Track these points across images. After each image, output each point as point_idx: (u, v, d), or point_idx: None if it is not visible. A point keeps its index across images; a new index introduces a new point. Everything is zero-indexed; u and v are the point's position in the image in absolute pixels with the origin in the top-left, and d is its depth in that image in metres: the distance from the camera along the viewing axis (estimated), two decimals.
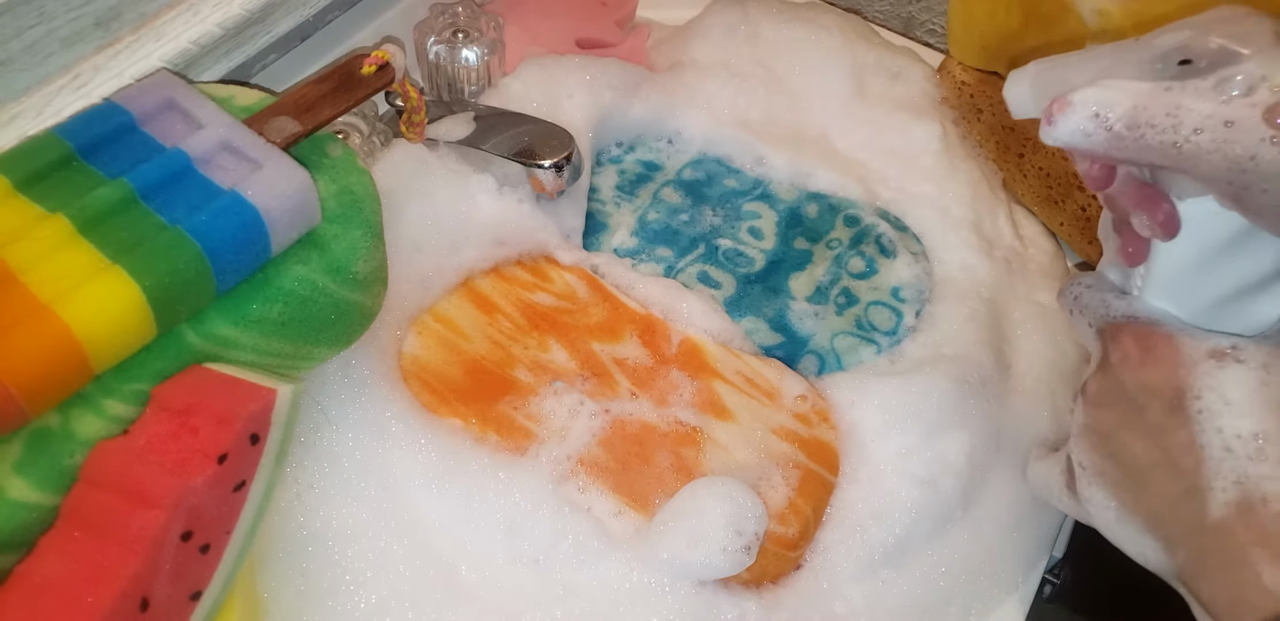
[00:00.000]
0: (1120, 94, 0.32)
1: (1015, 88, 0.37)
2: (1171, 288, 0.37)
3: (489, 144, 0.51)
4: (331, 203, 0.41)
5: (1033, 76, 0.36)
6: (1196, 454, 0.34)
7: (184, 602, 0.36)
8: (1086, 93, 0.33)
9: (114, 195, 0.37)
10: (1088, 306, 0.40)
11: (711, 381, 0.49)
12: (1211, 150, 0.31)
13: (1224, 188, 0.32)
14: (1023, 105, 0.37)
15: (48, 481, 0.35)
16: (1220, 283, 0.36)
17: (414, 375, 0.47)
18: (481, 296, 0.50)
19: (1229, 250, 0.35)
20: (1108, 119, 0.32)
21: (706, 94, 0.60)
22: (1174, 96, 0.32)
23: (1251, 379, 0.34)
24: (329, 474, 0.44)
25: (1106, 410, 0.38)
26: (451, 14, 0.56)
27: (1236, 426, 0.34)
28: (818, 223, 0.58)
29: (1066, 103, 0.33)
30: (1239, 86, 0.31)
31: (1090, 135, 0.33)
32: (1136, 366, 0.36)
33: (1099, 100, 0.33)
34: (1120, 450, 0.37)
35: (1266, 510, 0.33)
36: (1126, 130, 0.32)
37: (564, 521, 0.44)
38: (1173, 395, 0.35)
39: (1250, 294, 0.36)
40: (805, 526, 0.46)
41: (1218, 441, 0.34)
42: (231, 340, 0.39)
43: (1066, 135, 0.33)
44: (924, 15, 0.74)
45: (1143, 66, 0.33)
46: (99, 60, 0.44)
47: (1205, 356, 0.35)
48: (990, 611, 0.48)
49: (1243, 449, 0.33)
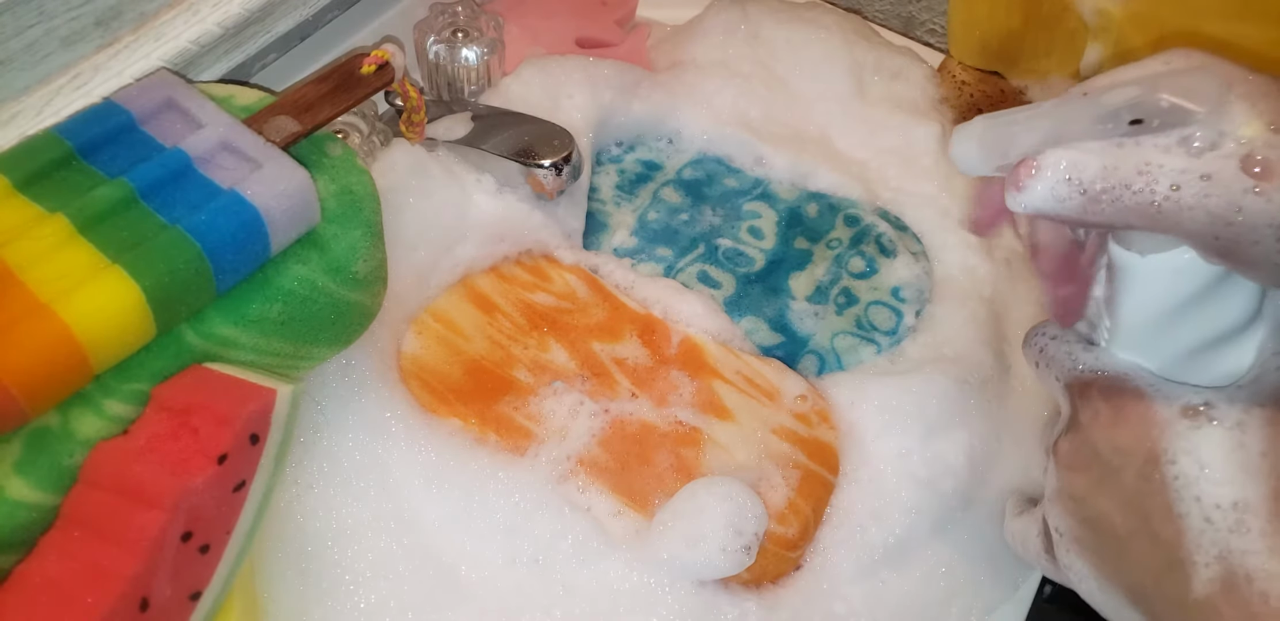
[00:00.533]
0: (1087, 154, 0.31)
1: (961, 145, 0.35)
2: (1140, 340, 0.35)
3: (489, 144, 0.51)
4: (331, 202, 0.41)
5: (980, 134, 0.34)
6: (1176, 524, 0.33)
7: (184, 603, 0.36)
8: (1054, 153, 0.31)
9: (114, 195, 0.37)
10: (1054, 359, 0.38)
11: (711, 381, 0.49)
12: (1193, 206, 0.29)
13: (1210, 242, 0.30)
14: (970, 163, 0.35)
15: (47, 481, 0.35)
16: (1190, 334, 0.34)
17: (413, 375, 0.47)
18: (481, 296, 0.50)
19: (1198, 302, 0.34)
20: (1080, 181, 0.31)
21: (706, 93, 0.60)
22: (1142, 153, 0.30)
23: (1227, 441, 0.32)
24: (329, 474, 0.44)
25: (1080, 473, 0.36)
26: (451, 13, 0.56)
27: (1215, 495, 0.32)
28: (818, 222, 0.58)
29: (1034, 165, 0.31)
30: (1201, 141, 0.30)
31: (1064, 200, 0.31)
32: (1108, 426, 0.35)
33: (1069, 161, 0.31)
34: (1097, 516, 0.35)
35: (1251, 589, 0.31)
36: (1101, 192, 0.31)
37: (564, 521, 0.44)
38: (1147, 458, 0.33)
39: (1222, 343, 0.34)
40: (805, 526, 0.46)
41: (1197, 511, 0.32)
42: (231, 340, 0.39)
43: (1039, 201, 0.31)
44: (924, 15, 0.74)
45: (1093, 125, 0.31)
46: (99, 60, 0.44)
47: (1178, 415, 0.33)
48: (990, 611, 0.48)
49: (1223, 520, 0.32)
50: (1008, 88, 0.61)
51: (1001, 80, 0.61)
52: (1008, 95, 0.61)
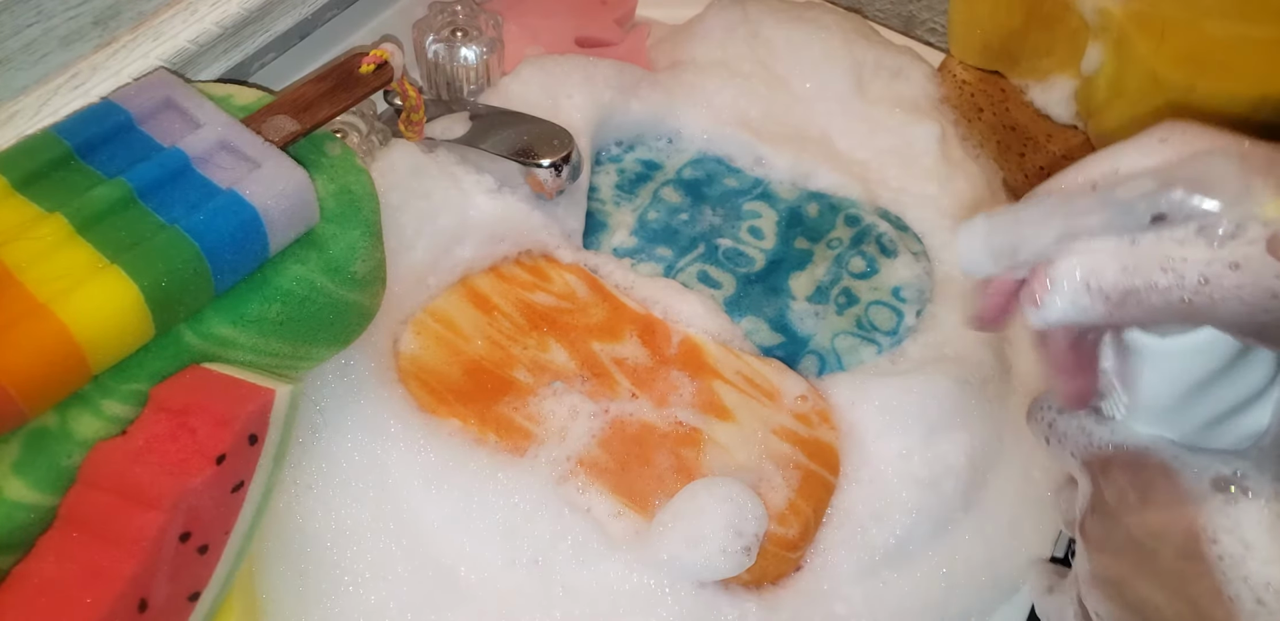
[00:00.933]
0: (1103, 256, 0.29)
1: (969, 244, 0.33)
2: (1160, 415, 0.34)
3: (488, 143, 0.51)
4: (330, 202, 0.41)
5: (986, 234, 0.32)
6: (1227, 607, 0.31)
7: (182, 603, 0.36)
8: (1067, 262, 0.30)
9: (112, 194, 0.36)
10: (1065, 436, 0.36)
11: (711, 381, 0.49)
12: (1227, 297, 0.28)
13: (1246, 328, 0.29)
14: (978, 266, 0.33)
15: (46, 482, 0.35)
16: (1212, 405, 0.33)
17: (412, 375, 0.47)
18: (480, 296, 0.50)
19: (1219, 375, 0.32)
20: (1100, 287, 0.29)
21: (706, 93, 0.60)
22: (1162, 249, 0.29)
23: (1267, 514, 0.31)
24: (328, 474, 0.44)
25: (1114, 556, 0.34)
26: (450, 12, 0.56)
27: (1265, 574, 0.31)
28: (818, 222, 0.57)
29: (1048, 278, 0.30)
30: (1225, 229, 0.29)
31: (1087, 309, 0.30)
32: (1137, 507, 0.33)
33: (1085, 268, 0.29)
34: (1139, 601, 0.33)
35: None
36: (1125, 295, 0.29)
37: (563, 522, 0.44)
38: (1185, 539, 0.32)
39: (1243, 408, 0.33)
40: (805, 527, 0.46)
41: (1247, 593, 0.31)
42: (230, 340, 0.39)
43: (1060, 314, 0.30)
44: (924, 14, 0.74)
45: (1109, 221, 0.30)
46: (97, 59, 0.44)
47: (1210, 489, 0.32)
48: (990, 611, 0.48)
49: (1276, 602, 0.31)
50: (1008, 87, 0.61)
51: (1002, 79, 0.61)
52: (1008, 94, 0.61)
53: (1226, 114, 0.49)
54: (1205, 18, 0.50)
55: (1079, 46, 0.54)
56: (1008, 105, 0.61)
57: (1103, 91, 0.53)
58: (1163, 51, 0.49)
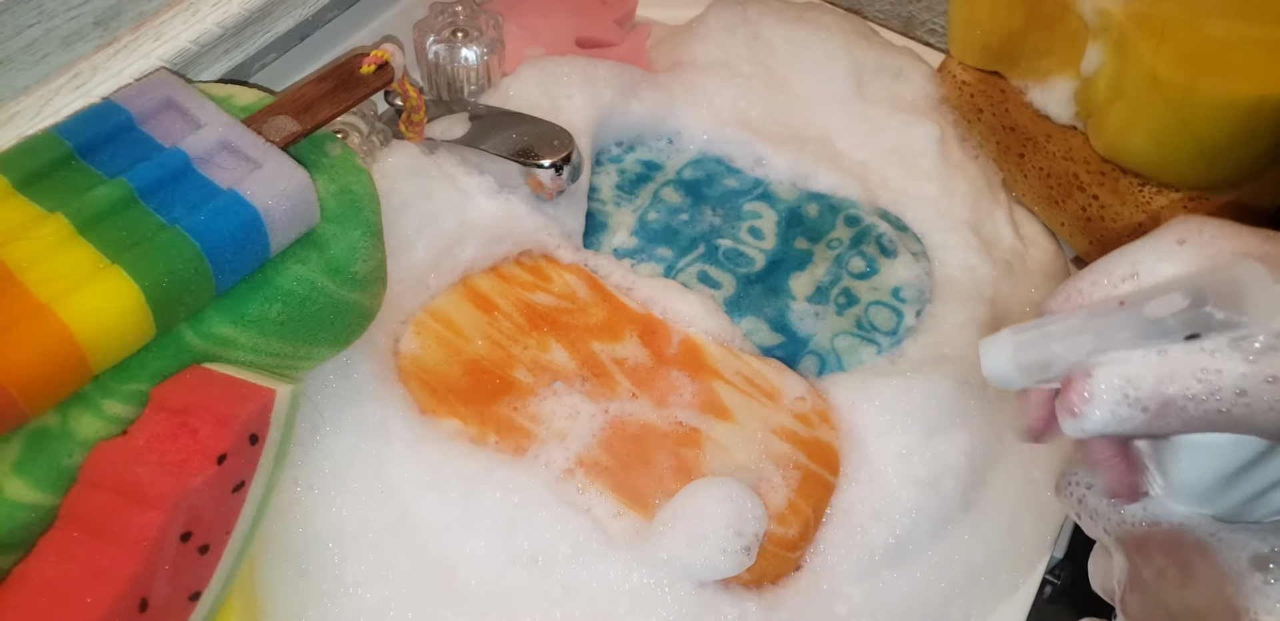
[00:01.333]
0: (1139, 367, 0.29)
1: (996, 359, 0.33)
2: (1196, 497, 0.34)
3: (488, 143, 0.51)
4: (330, 202, 0.41)
5: (1014, 352, 0.32)
6: None
7: (183, 603, 0.36)
8: (1105, 373, 0.29)
9: (113, 194, 0.37)
10: (1097, 512, 0.36)
11: (711, 381, 0.49)
12: (1266, 409, 0.28)
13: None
14: (1007, 378, 0.33)
15: (46, 481, 0.35)
16: (1248, 485, 0.33)
17: (413, 375, 0.47)
18: (481, 295, 0.50)
19: (1258, 459, 0.32)
20: (1138, 399, 0.29)
21: (707, 93, 0.60)
22: (1197, 360, 0.29)
23: None
24: (328, 474, 0.44)
25: None
26: (451, 13, 0.56)
27: None
28: (818, 222, 0.58)
29: (1086, 390, 0.30)
30: (1260, 343, 0.28)
31: (1125, 420, 0.30)
32: (1177, 586, 0.33)
33: (1122, 378, 0.29)
34: None
35: None
36: (1163, 406, 0.29)
37: (563, 522, 0.44)
38: (1226, 618, 0.31)
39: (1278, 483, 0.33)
40: (805, 527, 0.46)
41: None
42: (230, 340, 0.39)
43: (1100, 426, 0.30)
44: (924, 15, 0.74)
45: (1140, 335, 0.30)
46: (98, 59, 0.44)
47: (1249, 567, 0.32)
48: (990, 611, 0.48)
49: None
50: (1008, 88, 0.61)
51: (1002, 80, 0.61)
52: (1008, 95, 0.61)
53: (1227, 114, 0.49)
54: (1205, 18, 0.50)
55: (1078, 47, 0.54)
56: (1007, 106, 0.61)
57: (1102, 92, 0.53)
58: (1162, 52, 0.49)
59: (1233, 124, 0.49)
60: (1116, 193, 0.56)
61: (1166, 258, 0.31)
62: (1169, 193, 0.54)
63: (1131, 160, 0.54)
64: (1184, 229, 0.32)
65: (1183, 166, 0.52)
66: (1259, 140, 0.50)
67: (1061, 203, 0.60)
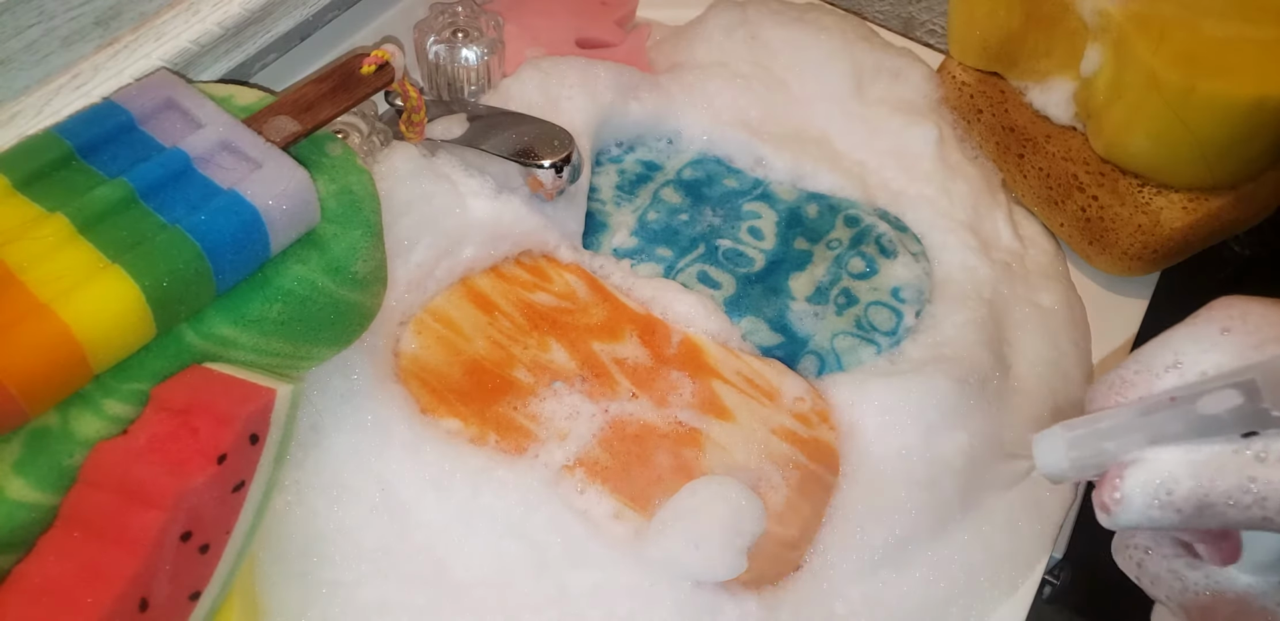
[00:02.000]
0: (1178, 467, 0.29)
1: (1049, 455, 0.33)
2: (1261, 564, 0.33)
3: (488, 144, 0.51)
4: (331, 202, 0.41)
5: (1067, 448, 0.32)
6: None
7: (183, 603, 0.36)
8: (1141, 474, 0.29)
9: (113, 194, 0.37)
10: (1158, 578, 0.35)
11: (711, 381, 0.49)
12: None
13: None
14: (1060, 472, 0.33)
15: (47, 481, 0.35)
16: None
17: (413, 375, 0.47)
18: (481, 295, 0.50)
19: None
20: (1173, 502, 0.29)
21: (707, 94, 0.60)
22: (1243, 465, 0.28)
23: None
24: (328, 474, 0.44)
25: None
26: (451, 13, 0.56)
27: None
28: (818, 223, 0.58)
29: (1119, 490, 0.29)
30: None
31: (1158, 520, 0.29)
32: None
33: (1158, 481, 0.29)
34: None
35: None
36: (1199, 509, 0.29)
37: (563, 522, 0.44)
38: None
39: None
40: (805, 527, 0.46)
41: None
42: (231, 340, 0.39)
43: (1131, 523, 0.30)
44: (924, 15, 0.74)
45: (1194, 431, 0.29)
46: (98, 59, 0.44)
47: None
48: (990, 612, 0.48)
49: None
50: (1008, 88, 0.61)
51: (1001, 81, 0.61)
52: (1007, 96, 0.61)
53: (1226, 114, 0.49)
54: (1205, 18, 0.50)
55: (1078, 48, 0.54)
56: (1007, 106, 0.61)
57: (1102, 93, 0.53)
58: (1162, 52, 0.49)
59: (1232, 124, 0.49)
60: (1116, 193, 0.56)
61: (1210, 348, 0.31)
62: (1169, 193, 0.54)
63: (1131, 161, 0.54)
64: (1227, 316, 0.31)
65: (1182, 167, 0.52)
66: (1259, 140, 0.50)
67: (1061, 203, 0.60)
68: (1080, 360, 0.57)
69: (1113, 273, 0.60)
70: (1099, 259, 0.59)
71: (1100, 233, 0.58)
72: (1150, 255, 0.57)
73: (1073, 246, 0.61)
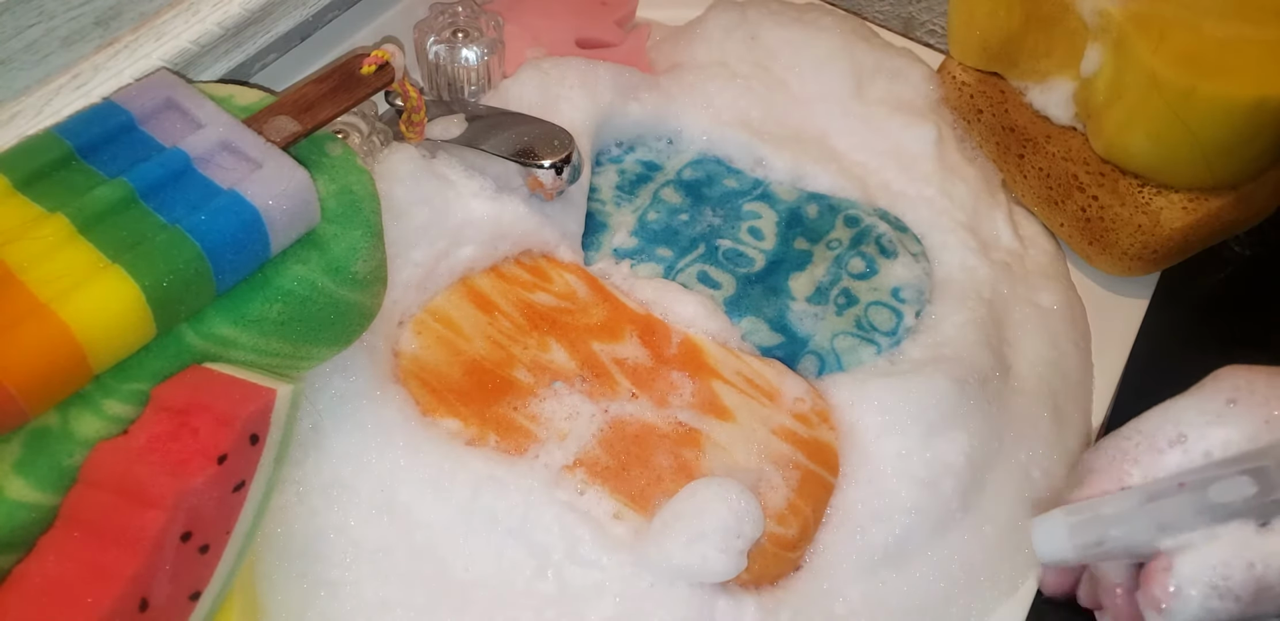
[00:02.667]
0: (1225, 553, 0.28)
1: (1049, 540, 0.32)
2: None
3: (488, 144, 0.51)
4: (331, 202, 0.41)
5: (1069, 534, 0.31)
6: None
7: (183, 603, 0.36)
8: (1187, 564, 0.28)
9: (113, 194, 0.37)
10: None
11: (711, 382, 0.49)
12: None
13: None
14: (1060, 556, 0.32)
15: (47, 481, 0.35)
16: None
17: (413, 375, 0.47)
18: (481, 295, 0.50)
19: None
20: (1231, 590, 0.28)
21: (707, 94, 0.60)
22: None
23: None
24: (328, 474, 0.44)
25: None
26: (451, 14, 0.56)
27: None
28: (818, 223, 0.58)
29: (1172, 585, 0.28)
30: None
31: (1218, 611, 0.28)
32: None
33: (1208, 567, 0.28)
34: None
35: None
36: (1258, 594, 0.28)
37: (563, 522, 0.44)
38: None
39: None
40: (805, 527, 0.46)
41: None
42: (231, 340, 0.39)
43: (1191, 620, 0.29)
44: (924, 16, 0.74)
45: (1209, 520, 0.29)
46: (98, 60, 0.44)
47: None
48: (990, 612, 0.48)
49: None
50: (1008, 88, 0.61)
51: (1001, 81, 0.61)
52: (1007, 96, 0.61)
53: (1226, 114, 0.49)
54: (1205, 19, 0.50)
55: (1078, 48, 0.54)
56: (1007, 107, 0.61)
57: (1102, 93, 0.53)
58: (1162, 53, 0.49)
59: (1232, 124, 0.49)
60: (1116, 193, 0.56)
61: (1216, 420, 0.30)
62: (1169, 193, 0.55)
63: (1131, 161, 0.54)
64: (1233, 387, 0.30)
65: (1182, 167, 0.52)
66: (1258, 141, 0.50)
67: (1061, 203, 0.60)
68: (1080, 360, 0.57)
69: (1113, 273, 0.60)
70: (1099, 259, 0.59)
71: (1100, 233, 0.58)
72: (1150, 255, 0.57)
73: (1073, 246, 0.61)
